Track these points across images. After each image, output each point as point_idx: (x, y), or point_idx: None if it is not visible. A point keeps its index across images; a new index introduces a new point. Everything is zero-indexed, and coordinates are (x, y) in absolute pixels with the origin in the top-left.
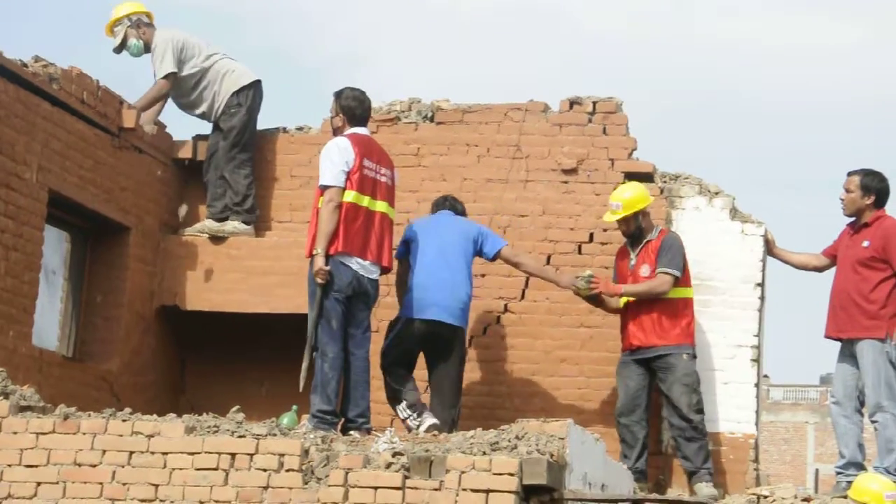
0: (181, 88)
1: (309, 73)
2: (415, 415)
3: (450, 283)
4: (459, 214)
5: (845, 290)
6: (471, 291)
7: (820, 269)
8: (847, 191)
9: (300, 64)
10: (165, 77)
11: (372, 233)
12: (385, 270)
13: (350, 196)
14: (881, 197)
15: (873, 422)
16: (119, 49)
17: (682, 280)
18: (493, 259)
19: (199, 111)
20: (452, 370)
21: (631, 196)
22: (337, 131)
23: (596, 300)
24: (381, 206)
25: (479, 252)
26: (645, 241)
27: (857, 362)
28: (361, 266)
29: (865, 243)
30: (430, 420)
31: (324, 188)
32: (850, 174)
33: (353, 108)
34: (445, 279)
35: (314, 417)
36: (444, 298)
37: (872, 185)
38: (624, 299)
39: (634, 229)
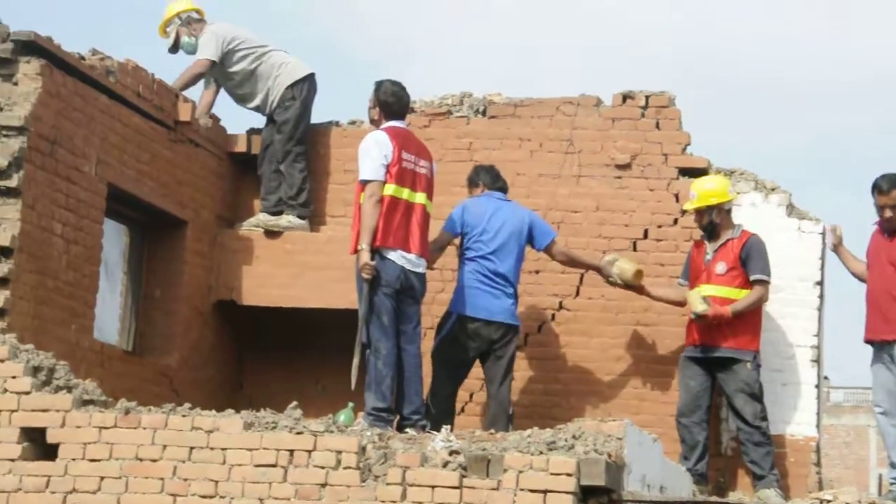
0: (234, 80)
1: (361, 67)
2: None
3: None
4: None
5: (886, 290)
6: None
7: None
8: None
9: (352, 58)
10: (203, 60)
11: (414, 225)
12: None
13: (390, 189)
14: None
15: None
16: (174, 49)
17: None
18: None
19: (253, 104)
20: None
21: (709, 189)
22: (374, 123)
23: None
24: (420, 197)
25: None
26: (726, 238)
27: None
28: (407, 260)
29: None
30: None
31: (364, 183)
32: (887, 191)
33: (389, 103)
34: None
35: (369, 415)
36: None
37: None
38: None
39: (707, 223)
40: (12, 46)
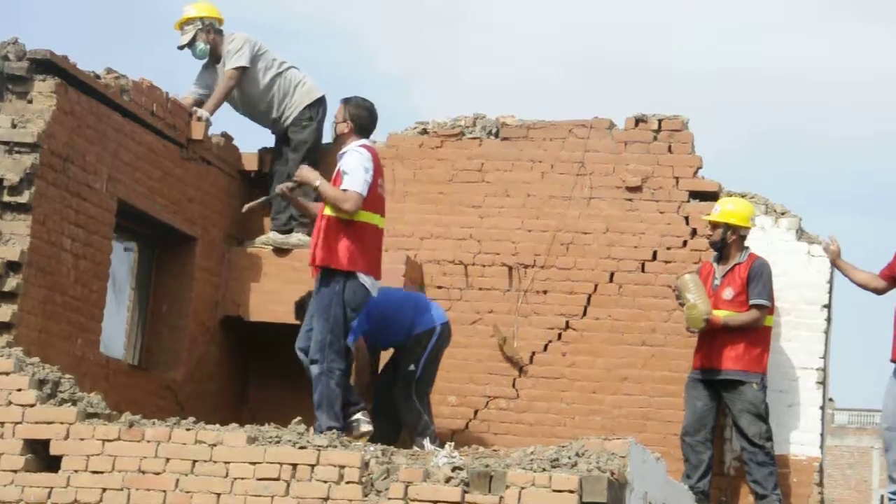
0: (253, 92)
1: (361, 89)
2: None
3: None
4: None
5: None
6: None
7: (879, 292)
8: None
9: (351, 80)
10: (236, 69)
11: (379, 250)
12: None
13: (365, 215)
14: None
15: None
16: (184, 48)
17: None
18: None
19: (266, 120)
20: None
21: (731, 209)
22: (340, 138)
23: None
24: (383, 222)
25: None
26: (734, 263)
27: None
28: (373, 285)
29: None
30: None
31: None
32: None
33: (362, 118)
34: None
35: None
36: None
37: None
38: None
39: (718, 241)
40: (28, 65)
